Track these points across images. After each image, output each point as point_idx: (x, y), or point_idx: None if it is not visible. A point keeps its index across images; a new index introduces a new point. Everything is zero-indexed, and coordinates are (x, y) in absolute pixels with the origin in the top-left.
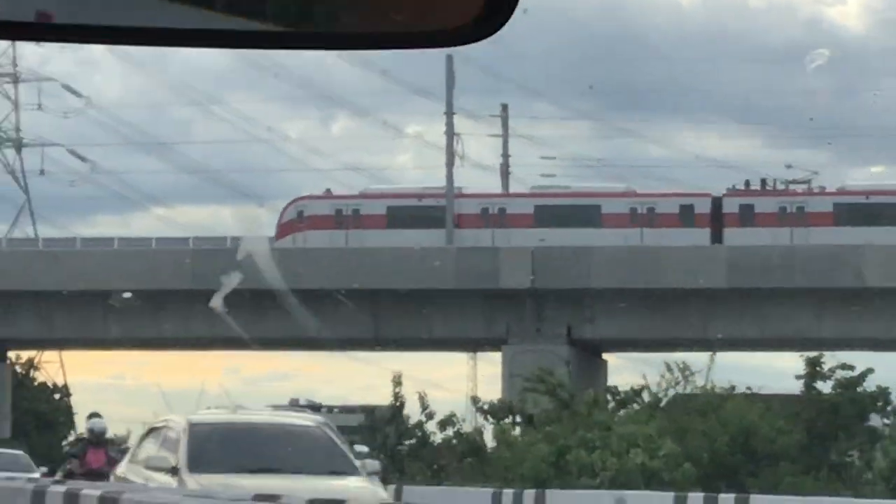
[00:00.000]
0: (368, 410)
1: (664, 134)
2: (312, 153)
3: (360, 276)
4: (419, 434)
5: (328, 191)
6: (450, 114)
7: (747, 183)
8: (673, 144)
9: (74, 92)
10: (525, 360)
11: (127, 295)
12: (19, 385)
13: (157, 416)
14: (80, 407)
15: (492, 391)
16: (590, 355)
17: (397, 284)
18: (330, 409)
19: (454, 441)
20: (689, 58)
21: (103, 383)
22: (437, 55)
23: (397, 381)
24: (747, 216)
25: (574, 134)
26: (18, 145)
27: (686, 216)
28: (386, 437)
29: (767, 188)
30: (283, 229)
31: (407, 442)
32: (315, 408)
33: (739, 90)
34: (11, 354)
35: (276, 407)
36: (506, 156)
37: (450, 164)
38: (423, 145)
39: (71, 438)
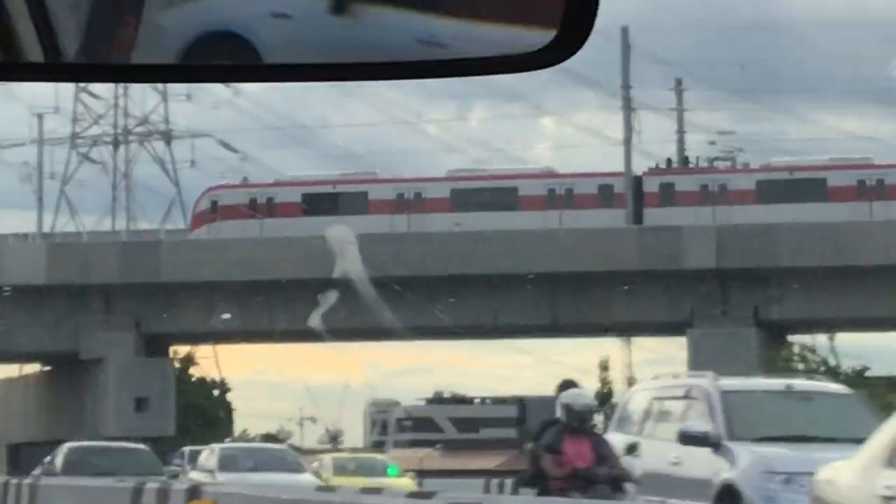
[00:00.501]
0: (520, 402)
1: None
2: (456, 138)
3: (538, 259)
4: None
5: (245, 179)
6: (626, 87)
7: (668, 161)
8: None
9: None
10: (712, 343)
11: (226, 316)
12: (178, 381)
13: (303, 412)
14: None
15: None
16: (776, 337)
17: (576, 267)
18: (483, 400)
19: None
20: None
21: (247, 379)
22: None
23: (604, 366)
24: (668, 195)
25: (731, 114)
26: (168, 137)
27: (605, 196)
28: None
29: (690, 166)
30: (197, 220)
31: None
32: (463, 400)
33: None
34: (173, 350)
35: (433, 400)
36: (681, 132)
37: (627, 140)
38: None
39: (235, 436)
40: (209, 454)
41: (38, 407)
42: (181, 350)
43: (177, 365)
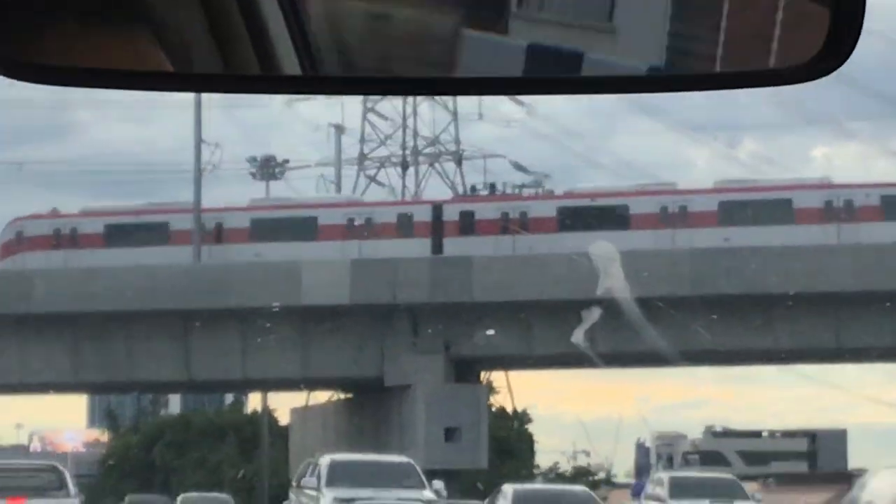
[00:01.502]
0: (811, 435)
1: None
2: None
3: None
4: None
5: (54, 210)
6: None
7: (473, 188)
8: None
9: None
10: None
11: (490, 332)
12: None
13: (576, 447)
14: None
15: None
16: None
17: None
18: (772, 433)
19: None
20: None
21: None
22: None
23: None
24: (468, 224)
25: None
26: (458, 158)
27: (405, 226)
28: None
29: (497, 192)
30: (4, 251)
31: None
32: (751, 434)
33: None
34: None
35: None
36: None
37: None
38: None
39: (543, 469)
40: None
41: (337, 437)
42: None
43: None
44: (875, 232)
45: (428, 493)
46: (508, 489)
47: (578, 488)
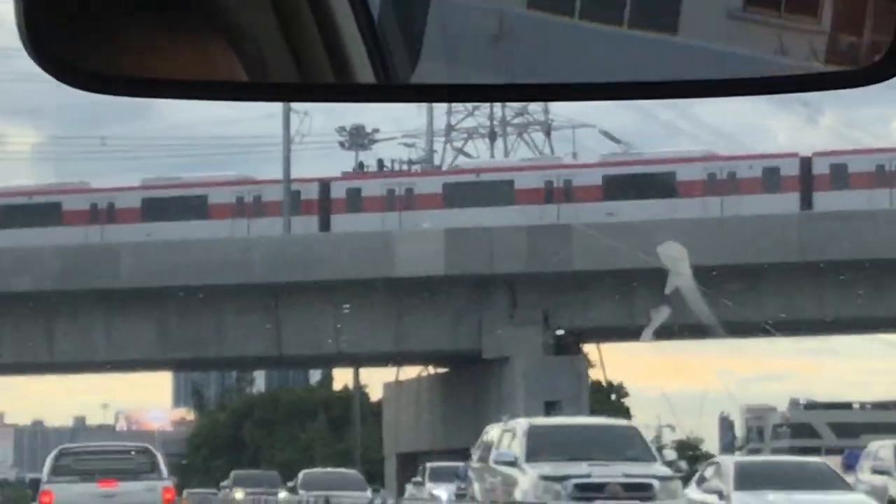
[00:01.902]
0: None
1: None
2: None
3: None
4: None
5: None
6: None
7: (361, 165)
8: None
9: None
10: None
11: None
12: None
13: (661, 421)
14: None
15: None
16: None
17: None
18: (863, 405)
19: None
20: None
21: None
22: None
23: None
24: (355, 201)
25: None
26: (548, 128)
27: (295, 203)
28: None
29: (385, 170)
30: None
31: None
32: (842, 405)
33: None
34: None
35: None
36: None
37: None
38: None
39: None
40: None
41: (432, 413)
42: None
43: None
44: (757, 204)
45: (661, 468)
46: (728, 462)
47: (813, 460)
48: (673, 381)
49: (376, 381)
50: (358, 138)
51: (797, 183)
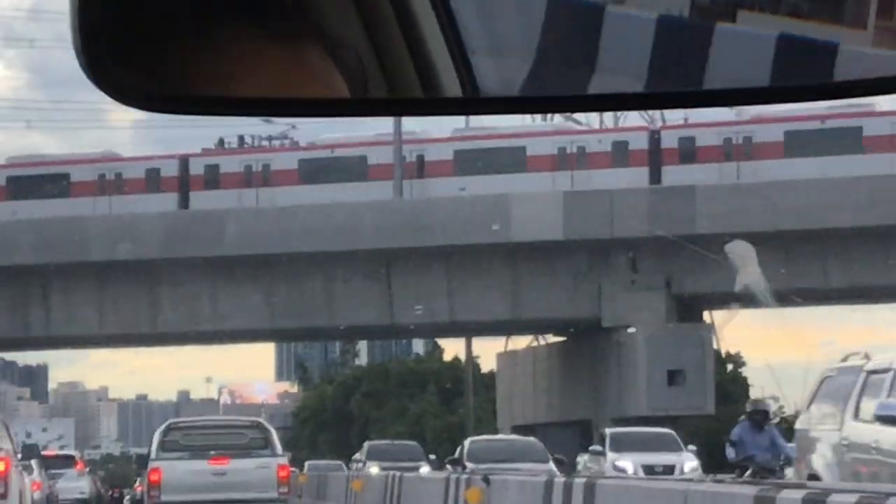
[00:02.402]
0: None
1: None
2: None
3: None
4: None
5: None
6: None
7: (221, 141)
8: None
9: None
10: None
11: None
12: None
13: (765, 392)
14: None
15: None
16: None
17: None
18: None
19: None
20: None
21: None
22: None
23: None
24: (212, 178)
25: None
26: None
27: (153, 182)
28: None
29: (246, 146)
30: None
31: None
32: None
33: None
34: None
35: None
36: None
37: None
38: None
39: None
40: None
41: (549, 383)
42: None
43: None
44: (607, 179)
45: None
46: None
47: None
48: (775, 352)
49: (487, 351)
50: None
51: (646, 157)
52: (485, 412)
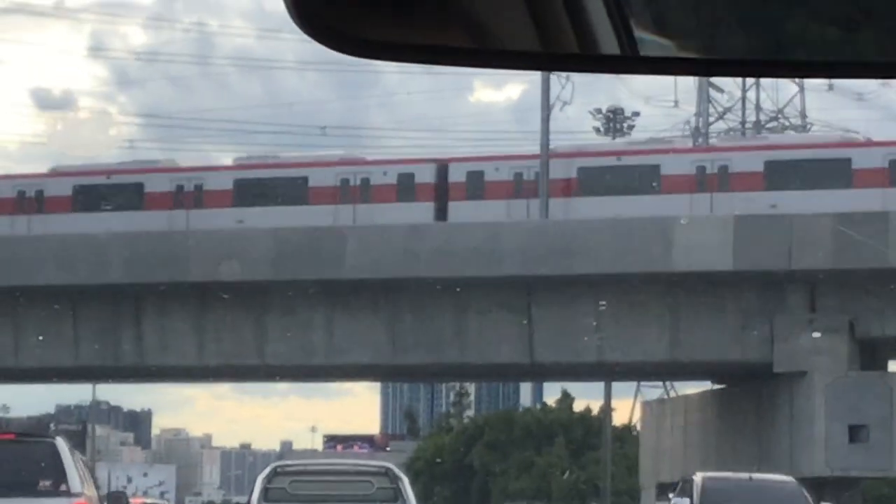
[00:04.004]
0: None
1: None
2: None
3: None
4: None
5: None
6: None
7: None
8: None
9: None
10: None
11: None
12: None
13: None
14: None
15: None
16: None
17: None
18: None
19: None
20: None
21: None
22: None
23: None
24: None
25: None
26: (803, 132)
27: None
28: None
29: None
30: None
31: None
32: None
33: None
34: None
35: None
36: None
37: None
38: None
39: None
40: None
41: (704, 437)
42: None
43: None
44: (389, 213)
45: None
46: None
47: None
48: None
49: (620, 398)
50: (615, 120)
51: (432, 191)
52: (617, 468)
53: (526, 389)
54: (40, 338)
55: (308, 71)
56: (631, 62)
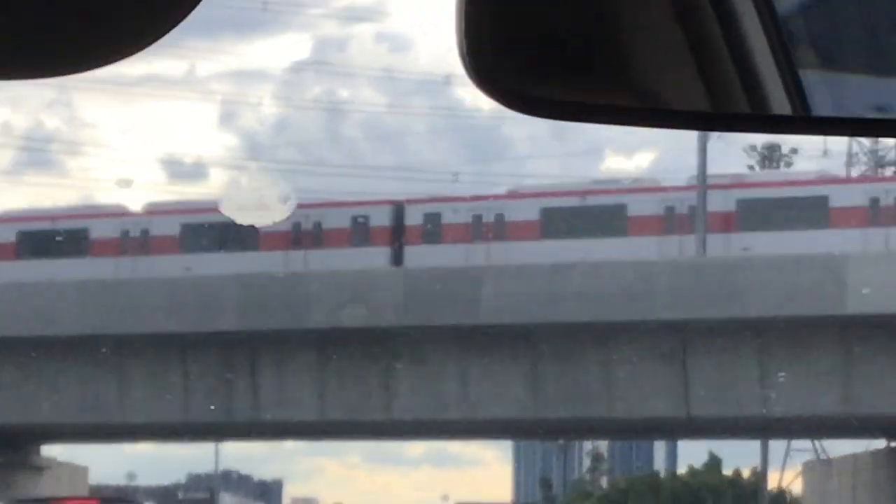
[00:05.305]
0: None
1: None
2: None
3: None
4: None
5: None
6: None
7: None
8: None
9: None
10: None
11: None
12: None
13: None
14: None
15: None
16: None
17: None
18: None
19: None
20: None
21: None
22: None
23: None
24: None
25: None
26: None
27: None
28: None
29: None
30: None
31: None
32: None
33: None
34: None
35: None
36: None
37: None
38: None
39: None
40: None
41: (875, 499)
42: None
43: None
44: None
45: None
46: None
47: None
48: None
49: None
50: (772, 156)
51: (387, 234)
52: None
53: (659, 451)
54: (147, 391)
55: (438, 139)
56: (801, 123)
